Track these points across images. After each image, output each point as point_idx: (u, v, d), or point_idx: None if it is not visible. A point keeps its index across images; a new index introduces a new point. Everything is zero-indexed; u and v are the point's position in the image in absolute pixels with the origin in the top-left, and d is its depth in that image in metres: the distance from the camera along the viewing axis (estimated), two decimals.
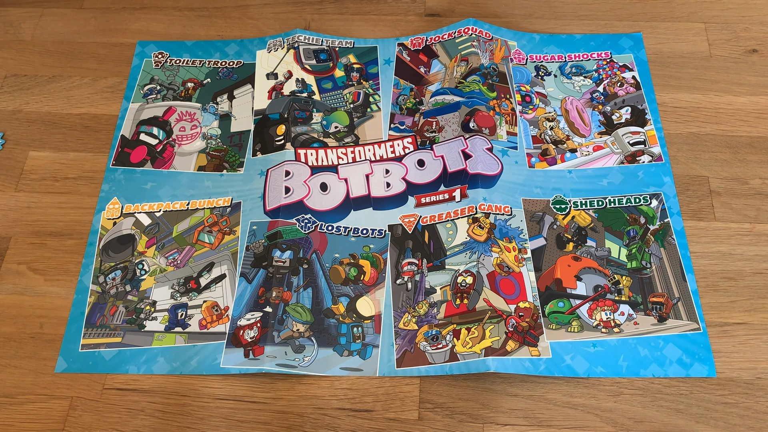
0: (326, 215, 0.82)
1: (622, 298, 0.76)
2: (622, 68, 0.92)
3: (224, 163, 0.87)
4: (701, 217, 0.80)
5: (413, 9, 1.01)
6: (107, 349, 0.75)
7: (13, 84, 0.95)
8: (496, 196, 0.82)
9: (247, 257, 0.80)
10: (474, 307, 0.75)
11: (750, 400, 0.70)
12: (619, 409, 0.70)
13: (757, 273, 0.77)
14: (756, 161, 0.84)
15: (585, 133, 0.88)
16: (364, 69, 0.95)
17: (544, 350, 0.72)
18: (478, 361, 0.70)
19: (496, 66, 0.92)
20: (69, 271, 0.80)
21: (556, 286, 0.76)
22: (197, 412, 0.71)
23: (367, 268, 0.79)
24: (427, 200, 0.83)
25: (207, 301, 0.77)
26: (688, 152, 0.85)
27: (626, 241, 0.79)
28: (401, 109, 0.91)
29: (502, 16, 0.99)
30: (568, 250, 0.79)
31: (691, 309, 0.74)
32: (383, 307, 0.76)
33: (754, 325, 0.74)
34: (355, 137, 0.88)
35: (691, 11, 0.97)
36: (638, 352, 0.72)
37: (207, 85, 0.94)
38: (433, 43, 0.95)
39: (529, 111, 0.90)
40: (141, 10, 1.02)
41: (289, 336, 0.74)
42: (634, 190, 0.82)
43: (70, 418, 0.71)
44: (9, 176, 0.87)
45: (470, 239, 0.79)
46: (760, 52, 0.93)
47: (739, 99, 0.89)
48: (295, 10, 1.01)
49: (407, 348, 0.74)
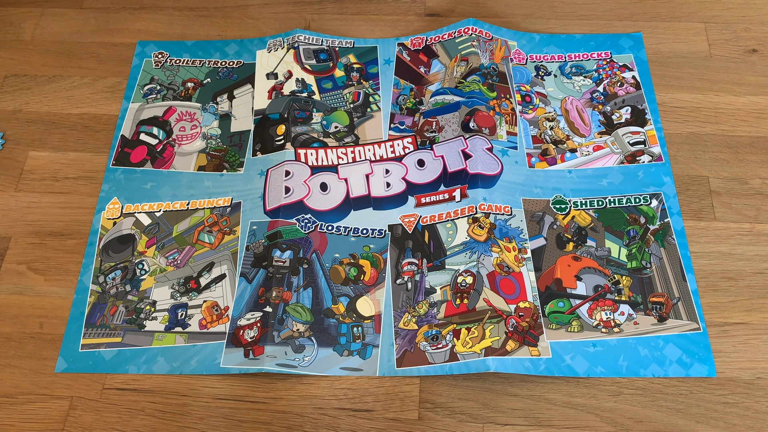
0: (326, 215, 0.82)
1: (622, 298, 0.76)
2: (622, 68, 0.92)
3: (224, 163, 0.87)
4: (701, 217, 0.80)
5: (413, 9, 1.01)
6: (107, 349, 0.75)
7: (13, 84, 0.95)
8: (496, 196, 0.82)
9: (247, 257, 0.80)
10: (474, 307, 0.75)
11: (750, 400, 0.70)
12: (619, 409, 0.70)
13: (757, 273, 0.77)
14: (756, 161, 0.84)
15: (585, 133, 0.88)
16: (364, 69, 0.95)
17: (544, 350, 0.72)
18: (478, 361, 0.70)
19: (496, 66, 0.92)
20: (69, 271, 0.80)
21: (556, 286, 0.76)
22: (197, 412, 0.71)
23: (367, 268, 0.79)
24: (427, 200, 0.83)
25: (207, 301, 0.77)
26: (688, 152, 0.85)
27: (626, 241, 0.79)
28: (401, 109, 0.91)
29: (502, 16, 0.99)
30: (568, 250, 0.79)
31: (691, 309, 0.74)
32: (383, 307, 0.76)
33: (754, 325, 0.74)
34: (355, 137, 0.88)
35: (691, 11, 0.97)
36: (638, 352, 0.72)
37: (207, 85, 0.94)
38: (433, 43, 0.95)
39: (529, 111, 0.90)
40: (141, 10, 1.02)
41: (289, 336, 0.74)
42: (634, 190, 0.82)
43: (70, 418, 0.71)
44: (9, 176, 0.87)
45: (470, 239, 0.79)
46: (760, 52, 0.93)
47: (739, 99, 0.89)
48: (295, 10, 1.01)
49: (407, 348, 0.74)
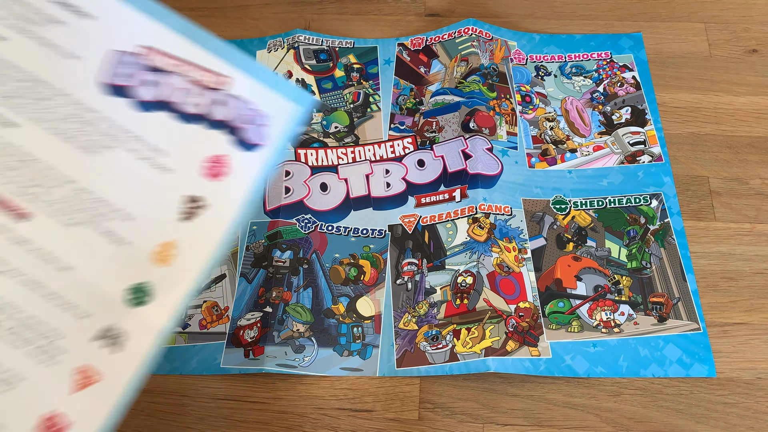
0: (326, 215, 0.82)
1: (622, 298, 0.76)
2: (622, 68, 0.92)
3: None
4: (701, 217, 0.80)
5: (413, 9, 1.01)
6: None
7: None
8: (496, 196, 0.82)
9: (247, 257, 0.80)
10: (474, 307, 0.75)
11: (750, 400, 0.70)
12: (619, 409, 0.70)
13: (757, 273, 0.77)
14: (756, 161, 0.84)
15: (585, 133, 0.88)
16: (364, 69, 0.95)
17: (544, 350, 0.72)
18: (478, 361, 0.71)
19: (496, 66, 0.92)
20: None
21: (556, 286, 0.76)
22: (197, 412, 0.71)
23: (367, 268, 0.79)
24: (427, 200, 0.83)
25: (207, 301, 0.77)
26: (688, 152, 0.85)
27: (626, 241, 0.79)
28: (401, 109, 0.91)
29: (502, 16, 0.99)
30: (568, 250, 0.79)
31: (691, 309, 0.74)
32: (383, 307, 0.76)
33: (754, 325, 0.74)
34: (355, 137, 0.88)
35: (691, 11, 0.97)
36: (638, 352, 0.72)
37: None
38: (433, 43, 0.95)
39: (529, 111, 0.90)
40: None
41: (289, 336, 0.74)
42: (634, 190, 0.82)
43: None
44: None
45: (470, 239, 0.79)
46: (760, 52, 0.93)
47: (739, 99, 0.89)
48: (295, 10, 1.01)
49: (407, 348, 0.74)
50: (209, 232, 0.48)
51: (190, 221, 0.48)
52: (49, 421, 0.47)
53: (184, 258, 0.48)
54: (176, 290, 0.48)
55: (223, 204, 0.48)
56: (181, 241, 0.48)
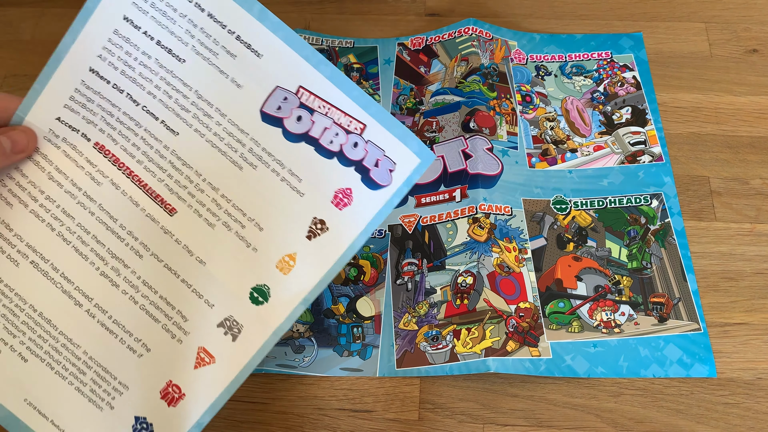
0: None
1: (623, 299, 0.75)
2: (622, 68, 0.92)
3: None
4: (702, 218, 0.80)
5: (413, 9, 1.00)
6: None
7: (13, 84, 0.95)
8: (497, 196, 0.82)
9: None
10: (474, 307, 0.74)
11: (750, 401, 0.69)
12: (620, 409, 0.70)
13: (757, 273, 0.77)
14: (757, 161, 0.84)
15: (585, 133, 0.88)
16: (364, 69, 0.94)
17: (545, 350, 0.72)
18: (479, 361, 0.70)
19: (496, 66, 0.92)
20: None
21: (556, 287, 0.76)
22: None
23: (367, 268, 0.79)
24: (427, 200, 0.83)
25: None
26: (688, 152, 0.85)
27: (627, 242, 0.79)
28: (401, 109, 0.91)
29: (502, 16, 0.99)
30: (569, 250, 0.79)
31: (692, 309, 0.74)
32: (383, 308, 0.76)
33: (754, 326, 0.73)
34: None
35: (691, 11, 0.97)
36: (639, 352, 0.72)
37: None
38: (433, 43, 0.95)
39: (529, 111, 0.90)
40: None
41: (289, 336, 0.74)
42: (635, 190, 0.82)
43: None
44: None
45: (470, 239, 0.79)
46: (760, 52, 0.93)
47: (739, 99, 0.89)
48: (295, 10, 1.01)
49: (407, 348, 0.73)
50: (326, 254, 0.56)
51: (313, 240, 0.56)
52: (170, 387, 0.56)
53: (300, 271, 0.56)
54: (290, 297, 0.56)
55: (342, 231, 0.56)
56: (300, 254, 0.56)
